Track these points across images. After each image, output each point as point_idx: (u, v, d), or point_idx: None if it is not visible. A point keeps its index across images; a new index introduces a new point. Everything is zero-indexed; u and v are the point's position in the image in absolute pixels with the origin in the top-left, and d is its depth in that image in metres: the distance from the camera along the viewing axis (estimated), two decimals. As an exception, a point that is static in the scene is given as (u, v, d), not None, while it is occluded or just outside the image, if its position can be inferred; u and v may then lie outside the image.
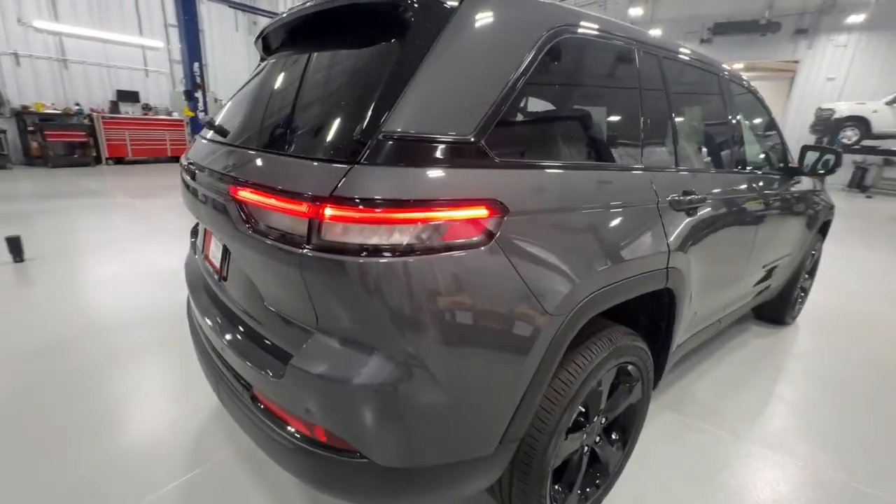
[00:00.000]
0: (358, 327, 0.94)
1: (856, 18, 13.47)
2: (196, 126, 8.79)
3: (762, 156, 2.51)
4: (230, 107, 1.58)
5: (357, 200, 0.86)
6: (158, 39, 11.88)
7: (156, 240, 4.79)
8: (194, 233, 1.98)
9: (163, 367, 2.40)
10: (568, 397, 1.23)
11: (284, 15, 1.42)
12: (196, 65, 8.47)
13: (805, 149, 2.58)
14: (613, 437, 1.63)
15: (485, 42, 1.06)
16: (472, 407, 1.05)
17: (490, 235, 0.97)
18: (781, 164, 2.58)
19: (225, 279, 1.35)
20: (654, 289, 1.44)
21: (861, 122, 12.11)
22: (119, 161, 10.97)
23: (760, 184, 2.25)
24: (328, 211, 0.87)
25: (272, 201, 0.94)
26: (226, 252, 1.33)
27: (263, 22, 13.50)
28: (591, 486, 1.56)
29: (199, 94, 8.72)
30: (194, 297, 1.53)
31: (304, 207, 0.88)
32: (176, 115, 11.72)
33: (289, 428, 1.06)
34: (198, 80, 8.60)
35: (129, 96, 11.61)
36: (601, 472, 1.59)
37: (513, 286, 1.01)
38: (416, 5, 1.03)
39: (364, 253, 0.88)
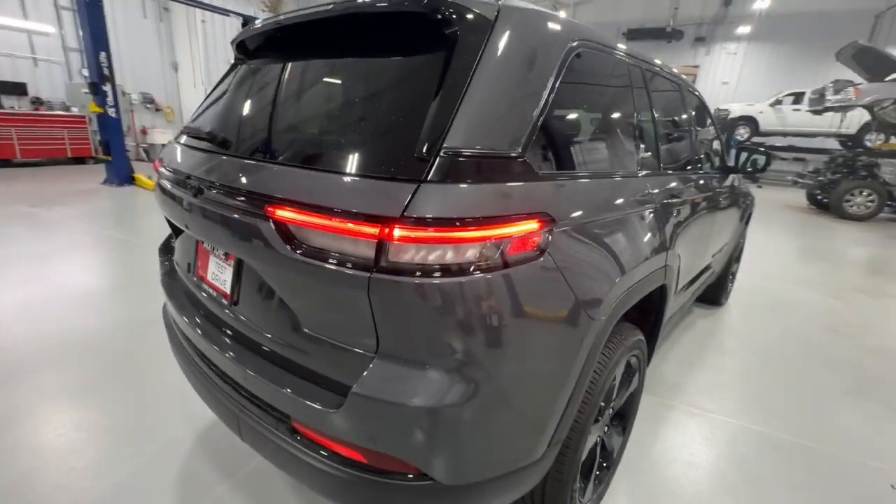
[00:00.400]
0: (426, 348, 0.92)
1: (743, 30, 15.37)
2: (109, 123, 7.79)
3: (712, 156, 2.81)
4: (220, 113, 1.44)
5: (428, 220, 0.85)
6: (48, 23, 10.35)
7: (72, 255, 4.21)
8: (167, 250, 1.78)
9: (117, 401, 2.14)
10: (596, 394, 1.30)
11: (282, 17, 1.33)
12: (103, 54, 7.49)
13: (740, 150, 2.92)
14: (615, 424, 1.75)
15: (522, 56, 1.08)
16: (529, 416, 1.08)
17: (543, 248, 1.00)
18: (721, 164, 2.89)
19: (236, 303, 1.24)
20: (657, 285, 1.57)
21: (751, 122, 13.89)
22: (6, 164, 9.44)
23: (712, 182, 2.51)
24: (398, 232, 0.84)
25: (331, 223, 0.88)
26: (238, 274, 1.22)
27: (177, 8, 12.30)
28: (601, 471, 1.66)
29: (107, 88, 7.73)
30: (189, 322, 1.38)
31: (373, 229, 0.84)
32: (76, 111, 10.31)
33: (343, 458, 1.01)
34: (105, 71, 7.61)
35: (14, 88, 10.01)
36: (606, 458, 1.70)
37: (564, 295, 1.05)
38: (454, 16, 1.02)
39: (435, 273, 0.86)
